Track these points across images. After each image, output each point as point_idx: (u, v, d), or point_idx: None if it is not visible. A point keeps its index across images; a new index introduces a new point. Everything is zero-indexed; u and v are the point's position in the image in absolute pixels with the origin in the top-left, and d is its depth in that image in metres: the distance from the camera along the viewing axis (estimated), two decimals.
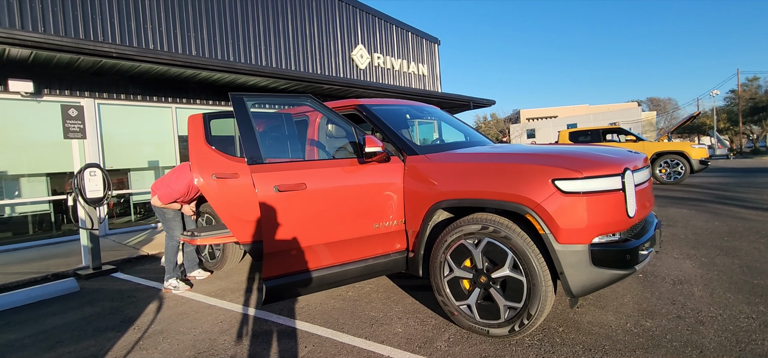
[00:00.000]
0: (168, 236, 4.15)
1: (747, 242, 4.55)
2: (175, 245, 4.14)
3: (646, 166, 2.92)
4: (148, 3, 8.89)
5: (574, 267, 2.31)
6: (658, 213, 6.65)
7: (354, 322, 3.02)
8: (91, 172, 4.75)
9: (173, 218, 4.13)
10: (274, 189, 2.67)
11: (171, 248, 4.12)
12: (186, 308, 3.56)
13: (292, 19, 11.78)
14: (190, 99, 8.68)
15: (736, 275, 3.54)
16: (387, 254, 3.02)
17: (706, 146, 11.46)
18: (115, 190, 7.94)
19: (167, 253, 4.11)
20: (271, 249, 2.68)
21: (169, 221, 4.11)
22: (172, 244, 4.13)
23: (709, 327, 2.62)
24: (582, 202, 2.29)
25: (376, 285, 3.79)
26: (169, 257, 4.10)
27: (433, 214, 2.81)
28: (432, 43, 16.53)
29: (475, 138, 3.95)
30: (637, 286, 3.40)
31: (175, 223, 4.13)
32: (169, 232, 4.15)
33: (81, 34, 7.86)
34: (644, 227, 2.76)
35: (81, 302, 3.89)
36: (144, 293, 4.08)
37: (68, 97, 7.13)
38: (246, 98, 2.89)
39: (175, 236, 4.13)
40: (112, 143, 7.74)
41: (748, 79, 36.35)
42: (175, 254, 4.14)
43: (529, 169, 2.44)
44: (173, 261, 4.11)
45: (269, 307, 3.40)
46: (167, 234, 4.16)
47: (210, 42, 9.94)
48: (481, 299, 2.62)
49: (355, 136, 2.95)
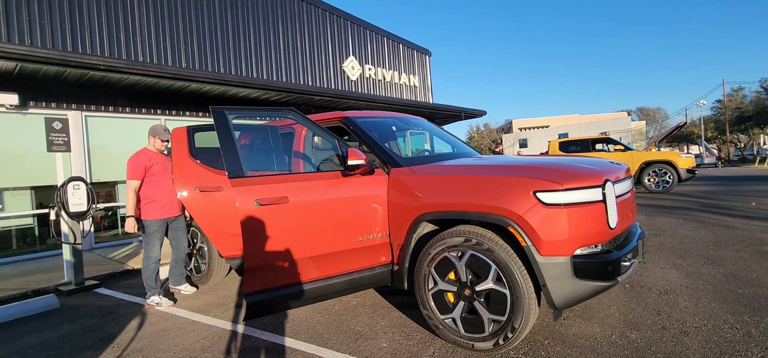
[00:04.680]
0: (145, 254, 3.91)
1: (732, 251, 4.59)
2: (151, 266, 3.89)
3: (628, 178, 2.94)
4: (138, 16, 8.88)
5: (557, 279, 2.30)
6: (646, 222, 6.70)
7: (339, 337, 2.98)
8: (75, 185, 4.68)
9: (154, 233, 3.89)
10: (255, 203, 2.64)
11: (147, 268, 3.89)
12: (168, 324, 3.49)
13: (283, 31, 11.83)
14: (179, 111, 8.63)
15: (721, 284, 3.56)
16: (372, 267, 3.00)
17: (693, 155, 11.62)
18: (102, 203, 7.84)
19: (144, 271, 3.90)
20: (252, 263, 2.65)
21: (150, 236, 3.88)
22: (148, 264, 3.88)
23: (693, 338, 2.62)
24: (563, 214, 2.29)
25: (363, 299, 3.75)
26: (147, 275, 3.89)
27: (417, 226, 2.79)
28: (423, 55, 16.67)
29: (461, 150, 3.96)
30: (624, 296, 3.40)
31: (154, 239, 3.90)
32: (145, 249, 3.91)
33: (69, 47, 7.81)
34: (627, 237, 2.77)
35: (60, 319, 3.80)
36: (126, 309, 4.00)
37: (55, 109, 7.05)
38: (227, 111, 2.88)
39: (151, 255, 3.89)
40: (99, 156, 7.65)
41: (733, 90, 37.05)
42: (153, 273, 3.91)
43: (510, 181, 2.44)
44: (153, 278, 3.91)
45: (253, 322, 3.34)
46: (144, 251, 3.92)
47: (200, 54, 9.94)
48: (466, 313, 2.60)
49: (338, 149, 2.94)
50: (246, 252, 2.63)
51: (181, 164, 3.16)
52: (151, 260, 3.90)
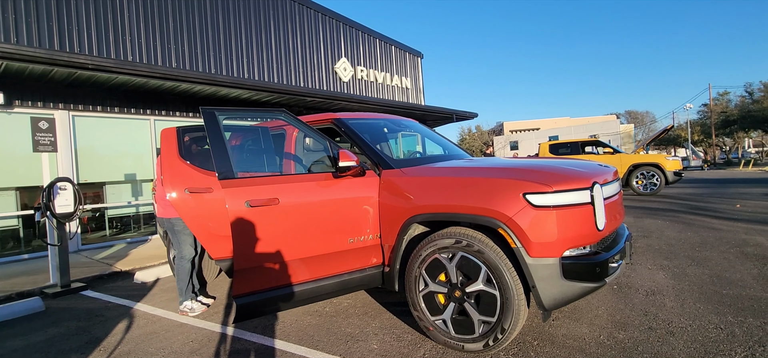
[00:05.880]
0: (178, 254, 3.70)
1: (717, 252, 4.67)
2: (185, 265, 3.68)
3: (616, 180, 2.98)
4: (128, 14, 8.78)
5: (546, 280, 2.32)
6: (634, 224, 6.79)
7: (329, 339, 2.97)
8: (61, 186, 4.61)
9: (183, 229, 3.62)
10: (246, 204, 2.63)
11: (182, 268, 3.67)
12: (156, 327, 3.44)
13: (275, 31, 11.78)
14: (169, 111, 8.53)
15: (706, 285, 3.62)
16: (363, 268, 2.99)
17: (681, 158, 11.82)
18: (90, 204, 7.72)
19: (178, 273, 3.67)
20: (242, 265, 2.63)
21: (179, 234, 3.64)
22: (182, 264, 3.67)
23: (679, 338, 2.66)
24: (552, 215, 2.31)
25: (354, 300, 3.74)
26: (180, 277, 3.67)
27: (408, 228, 2.80)
28: (415, 57, 16.72)
29: (453, 151, 3.98)
30: (612, 297, 3.44)
31: (184, 236, 3.65)
32: (178, 248, 3.68)
33: (56, 45, 7.69)
34: (615, 239, 2.81)
35: (46, 322, 3.73)
36: (114, 311, 3.94)
37: (41, 109, 6.93)
38: (217, 112, 2.86)
39: (184, 255, 3.67)
40: (87, 156, 7.53)
41: (719, 94, 37.77)
42: (188, 273, 3.69)
43: (500, 183, 2.46)
44: (186, 281, 3.69)
45: (243, 325, 3.32)
46: (177, 252, 3.70)
47: (191, 54, 9.85)
48: (456, 314, 2.61)
49: (329, 150, 2.93)
50: (236, 254, 2.61)
51: (171, 166, 3.12)
52: (184, 259, 3.70)
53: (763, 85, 32.85)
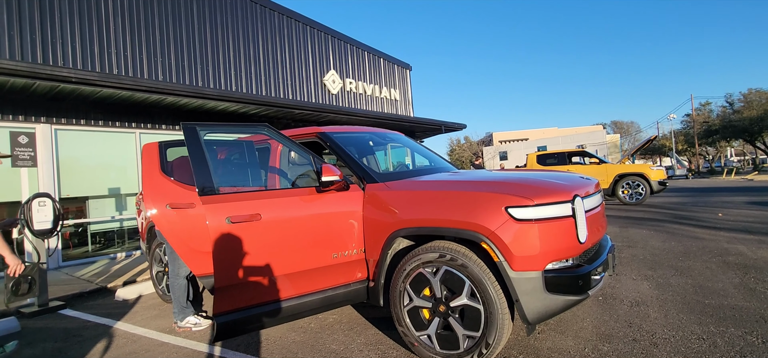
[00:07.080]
0: (172, 272, 3.61)
1: (700, 262, 4.74)
2: (182, 283, 3.60)
3: (598, 192, 3.01)
4: (113, 27, 8.71)
5: (529, 294, 2.32)
6: (619, 234, 6.87)
7: (314, 356, 2.92)
8: (41, 202, 4.50)
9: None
10: (226, 220, 2.59)
11: (178, 286, 3.59)
12: (136, 346, 3.35)
13: (263, 44, 11.79)
14: (155, 124, 8.44)
15: (690, 295, 3.66)
16: (347, 284, 2.96)
17: (666, 168, 12.05)
18: (72, 219, 7.55)
19: (174, 292, 3.60)
20: (223, 283, 2.58)
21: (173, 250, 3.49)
22: (178, 282, 3.59)
23: (662, 350, 2.67)
24: (534, 229, 2.32)
25: (340, 316, 3.70)
26: (176, 296, 3.60)
27: (392, 242, 2.78)
28: (404, 69, 16.86)
29: (438, 164, 3.98)
30: (597, 309, 3.46)
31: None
32: (172, 265, 3.61)
33: (39, 59, 7.58)
34: (598, 251, 2.82)
35: (21, 343, 3.61)
36: (92, 331, 3.83)
37: (22, 122, 6.80)
38: (199, 128, 2.82)
39: (180, 273, 3.58)
40: (69, 170, 7.39)
41: (701, 104, 38.77)
42: (184, 291, 3.61)
43: (483, 197, 2.46)
44: (183, 298, 3.61)
45: (227, 342, 3.25)
46: (171, 269, 3.61)
47: (178, 67, 9.79)
48: (441, 329, 2.59)
49: (313, 165, 2.92)
50: (216, 271, 2.56)
51: (152, 181, 3.07)
52: (179, 276, 3.62)
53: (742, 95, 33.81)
